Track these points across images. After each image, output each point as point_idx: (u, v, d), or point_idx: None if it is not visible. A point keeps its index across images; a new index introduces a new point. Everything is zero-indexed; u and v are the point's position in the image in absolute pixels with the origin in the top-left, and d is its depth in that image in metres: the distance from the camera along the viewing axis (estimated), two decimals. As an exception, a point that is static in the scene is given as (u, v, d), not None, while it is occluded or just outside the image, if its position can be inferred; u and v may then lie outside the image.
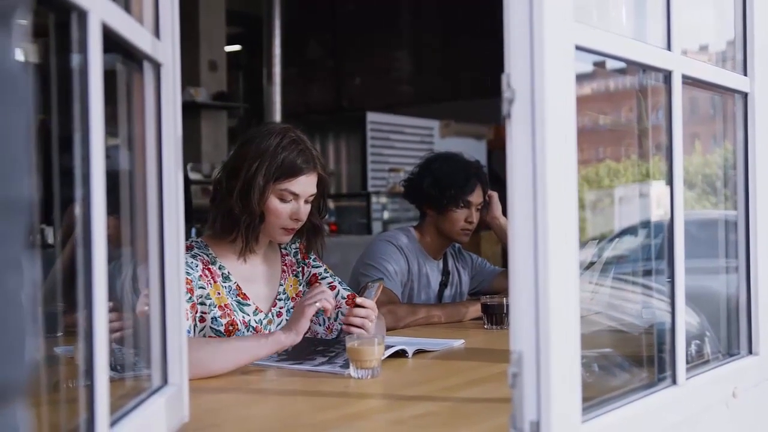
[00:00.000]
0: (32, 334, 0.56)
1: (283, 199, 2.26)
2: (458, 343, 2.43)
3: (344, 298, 2.42)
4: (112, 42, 1.12)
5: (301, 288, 2.46)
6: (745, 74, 1.86)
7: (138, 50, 1.27)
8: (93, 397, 1.01)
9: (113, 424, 1.10)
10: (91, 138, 1.02)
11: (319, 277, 2.47)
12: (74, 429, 1.03)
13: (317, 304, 2.08)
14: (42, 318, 0.62)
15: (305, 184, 2.27)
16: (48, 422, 1.16)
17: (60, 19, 1.03)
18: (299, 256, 2.49)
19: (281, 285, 2.42)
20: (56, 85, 1.08)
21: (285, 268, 2.45)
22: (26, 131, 0.58)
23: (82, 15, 1.01)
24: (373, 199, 7.55)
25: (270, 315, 2.35)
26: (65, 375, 1.39)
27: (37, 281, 0.60)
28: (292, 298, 2.43)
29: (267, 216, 2.27)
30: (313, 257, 2.50)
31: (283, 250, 2.47)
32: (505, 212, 3.23)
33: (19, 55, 0.60)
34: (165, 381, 1.40)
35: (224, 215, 2.27)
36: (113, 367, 1.27)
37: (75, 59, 1.03)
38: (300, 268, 2.48)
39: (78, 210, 1.03)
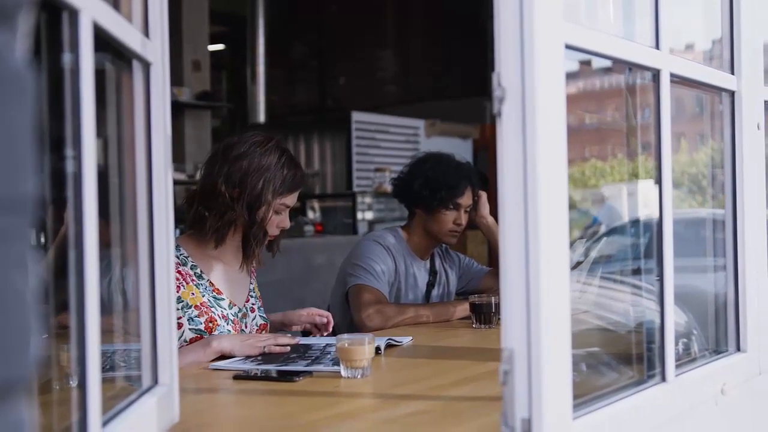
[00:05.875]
0: (36, 333, 0.56)
1: (278, 212, 2.35)
2: (407, 340, 2.43)
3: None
4: (101, 41, 1.12)
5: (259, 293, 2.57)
6: (732, 73, 1.87)
7: (128, 49, 1.26)
8: (85, 398, 1.01)
9: (105, 424, 1.10)
10: (83, 138, 1.01)
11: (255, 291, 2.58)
12: (66, 429, 1.03)
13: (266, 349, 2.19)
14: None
15: (296, 196, 2.40)
16: (38, 423, 1.15)
17: (49, 18, 1.02)
18: (254, 265, 2.57)
19: (251, 283, 2.51)
20: (46, 83, 1.07)
21: (252, 269, 2.54)
22: (31, 129, 0.58)
23: (74, 14, 1.00)
24: (359, 199, 7.53)
25: (244, 309, 2.43)
26: (51, 376, 1.38)
27: (41, 279, 0.60)
28: (258, 297, 2.52)
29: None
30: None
31: None
32: (492, 212, 3.23)
33: (23, 54, 0.60)
34: (155, 381, 1.39)
35: (227, 225, 2.31)
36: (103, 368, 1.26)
37: (66, 58, 1.02)
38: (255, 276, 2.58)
39: (69, 211, 1.02)
